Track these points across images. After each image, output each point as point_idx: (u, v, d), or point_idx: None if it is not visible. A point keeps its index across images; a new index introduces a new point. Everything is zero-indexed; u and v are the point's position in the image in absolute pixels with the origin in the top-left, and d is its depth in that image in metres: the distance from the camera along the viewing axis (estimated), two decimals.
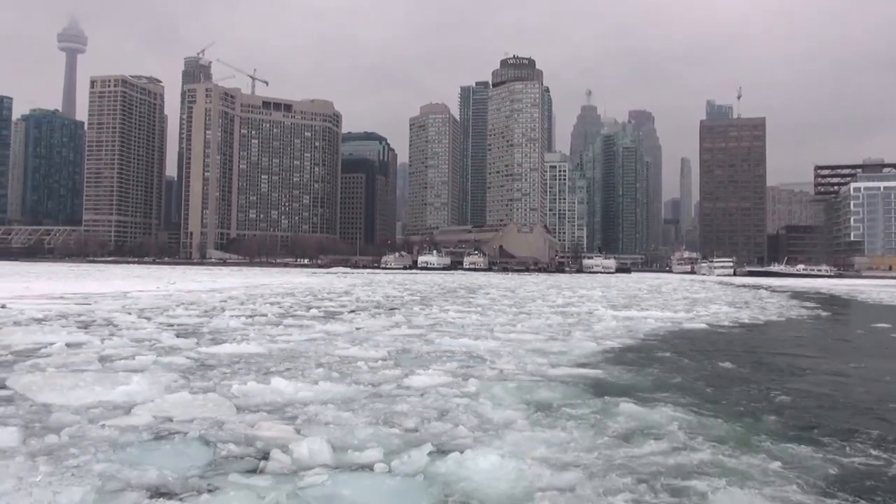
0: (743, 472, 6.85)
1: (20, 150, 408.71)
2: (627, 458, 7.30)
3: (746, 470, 6.92)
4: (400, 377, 11.61)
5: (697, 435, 8.27)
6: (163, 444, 7.33)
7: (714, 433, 8.46)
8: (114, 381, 10.34)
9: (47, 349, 13.66)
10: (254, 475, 6.42)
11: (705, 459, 7.25)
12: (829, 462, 7.33)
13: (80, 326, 17.96)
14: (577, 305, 35.24)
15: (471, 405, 9.56)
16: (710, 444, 7.86)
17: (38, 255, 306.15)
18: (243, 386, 10.27)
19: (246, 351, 14.43)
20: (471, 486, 6.19)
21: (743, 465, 7.12)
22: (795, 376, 13.59)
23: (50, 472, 6.15)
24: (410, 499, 5.91)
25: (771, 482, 6.55)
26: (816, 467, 7.13)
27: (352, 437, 7.79)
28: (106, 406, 8.99)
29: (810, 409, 10.32)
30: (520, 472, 6.55)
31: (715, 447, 7.72)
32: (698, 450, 7.59)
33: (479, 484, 6.25)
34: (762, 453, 7.57)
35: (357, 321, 21.70)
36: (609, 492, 6.14)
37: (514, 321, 23.54)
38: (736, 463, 7.18)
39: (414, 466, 6.65)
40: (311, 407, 9.23)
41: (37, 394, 9.62)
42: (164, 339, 15.84)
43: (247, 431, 7.97)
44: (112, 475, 6.19)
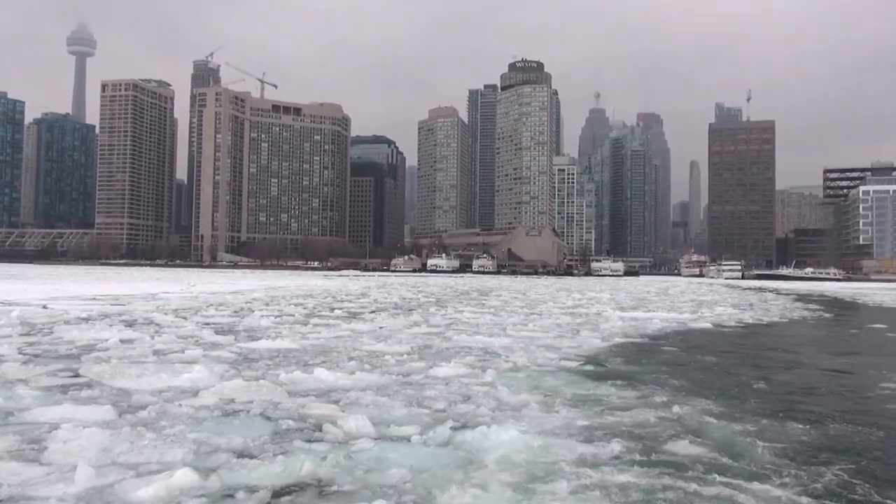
0: (717, 437, 8.17)
1: (32, 154, 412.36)
2: (622, 427, 8.74)
3: (721, 436, 8.23)
4: (425, 369, 12.93)
5: (685, 411, 9.61)
6: (233, 420, 8.66)
7: (698, 409, 9.83)
8: (174, 370, 11.71)
9: (104, 344, 15.06)
10: (313, 442, 7.74)
11: (689, 427, 8.57)
12: (791, 433, 8.71)
13: (126, 325, 19.38)
14: (585, 307, 36.46)
15: (489, 391, 10.88)
16: (693, 417, 9.20)
17: (50, 257, 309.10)
18: (290, 375, 11.62)
19: (281, 346, 15.77)
20: (492, 453, 7.47)
21: (718, 432, 8.48)
22: (783, 369, 14.87)
23: (154, 438, 7.52)
24: (443, 462, 7.19)
25: (739, 444, 7.89)
26: (781, 435, 8.48)
27: (389, 416, 9.10)
28: (175, 390, 10.35)
29: (788, 393, 11.69)
30: (530, 442, 7.84)
31: (696, 420, 9.06)
32: (686, 421, 8.91)
33: (499, 451, 7.53)
34: (736, 424, 8.97)
35: (378, 321, 23.07)
36: (604, 453, 7.49)
37: (526, 321, 24.84)
38: (713, 430, 8.53)
39: (444, 438, 7.97)
40: (352, 392, 10.55)
41: (111, 380, 11.00)
42: (205, 336, 17.22)
43: (300, 410, 9.32)
44: (203, 441, 7.54)
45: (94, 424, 7.83)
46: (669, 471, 7.02)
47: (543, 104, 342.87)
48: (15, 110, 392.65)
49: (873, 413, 10.27)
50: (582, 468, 6.98)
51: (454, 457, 7.31)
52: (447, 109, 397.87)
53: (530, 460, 7.25)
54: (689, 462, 7.39)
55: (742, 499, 6.27)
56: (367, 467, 6.85)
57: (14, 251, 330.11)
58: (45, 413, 8.51)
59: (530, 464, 7.13)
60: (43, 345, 15.01)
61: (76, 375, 11.45)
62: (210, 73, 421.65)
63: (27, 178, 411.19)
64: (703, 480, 6.76)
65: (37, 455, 6.89)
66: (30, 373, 11.50)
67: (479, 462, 7.15)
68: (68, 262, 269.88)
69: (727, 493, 6.35)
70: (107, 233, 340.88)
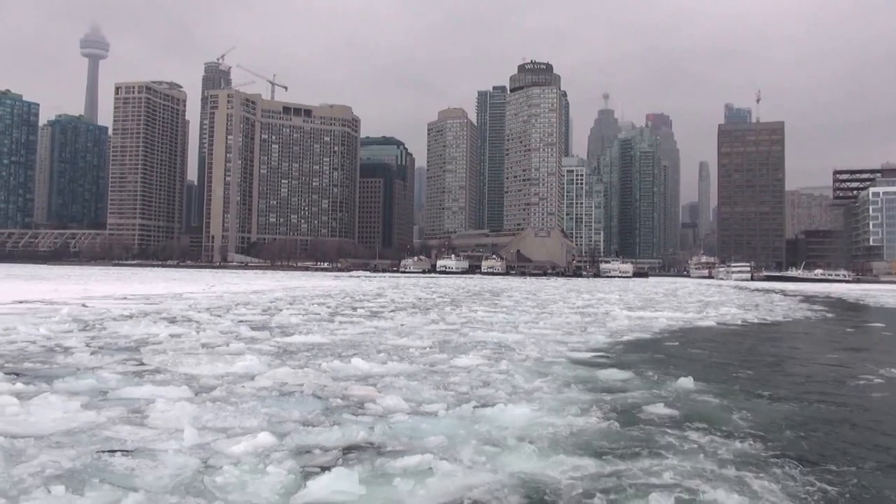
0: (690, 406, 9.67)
1: (46, 155, 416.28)
2: (614, 400, 10.34)
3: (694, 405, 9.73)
4: (447, 359, 14.45)
5: (669, 388, 11.11)
6: (289, 398, 10.17)
7: (682, 388, 11.39)
8: (227, 360, 13.25)
9: (156, 338, 16.63)
10: (359, 416, 9.25)
11: (667, 399, 10.08)
12: (757, 406, 10.28)
13: (169, 322, 20.96)
14: (594, 307, 37.86)
15: (506, 378, 12.41)
16: (675, 393, 10.72)
17: (63, 258, 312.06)
18: (330, 364, 13.14)
19: (314, 341, 17.28)
20: (507, 424, 8.93)
21: (692, 403, 10.03)
22: (771, 361, 16.33)
23: (232, 411, 9.05)
24: (467, 431, 8.65)
25: (709, 411, 9.48)
26: (748, 407, 10.03)
27: (419, 397, 10.60)
28: (234, 376, 11.87)
29: (767, 379, 13.24)
30: (543, 420, 9.30)
31: (677, 395, 10.58)
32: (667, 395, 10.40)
33: (513, 423, 9.00)
34: (712, 398, 10.58)
35: (398, 319, 24.62)
36: (594, 419, 9.02)
37: (537, 319, 26.30)
38: (689, 401, 10.05)
39: (468, 413, 9.45)
40: (386, 378, 12.07)
41: (175, 368, 12.54)
42: (242, 331, 18.76)
43: (343, 391, 10.84)
44: (271, 414, 9.06)
45: (180, 400, 9.33)
46: (642, 426, 9.02)
47: (552, 105, 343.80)
48: (30, 112, 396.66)
49: (838, 396, 11.77)
50: (576, 429, 8.66)
51: (477, 427, 8.77)
52: (456, 111, 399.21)
53: (538, 429, 8.75)
54: (658, 420, 9.30)
55: (693, 436, 8.22)
56: (409, 435, 8.32)
57: (27, 251, 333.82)
58: (135, 391, 10.06)
59: (537, 431, 8.64)
60: (103, 339, 16.58)
61: (142, 364, 12.99)
62: (221, 74, 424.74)
63: (40, 178, 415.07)
64: (665, 431, 8.69)
65: (143, 421, 8.43)
66: (102, 361, 13.05)
67: (497, 431, 8.62)
68: (81, 263, 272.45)
69: (686, 437, 7.83)
70: (119, 233, 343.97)
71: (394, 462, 7.06)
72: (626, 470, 7.16)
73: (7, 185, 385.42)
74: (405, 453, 7.44)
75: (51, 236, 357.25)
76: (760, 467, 7.27)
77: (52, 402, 8.81)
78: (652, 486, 6.57)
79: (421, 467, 6.89)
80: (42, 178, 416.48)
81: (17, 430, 7.73)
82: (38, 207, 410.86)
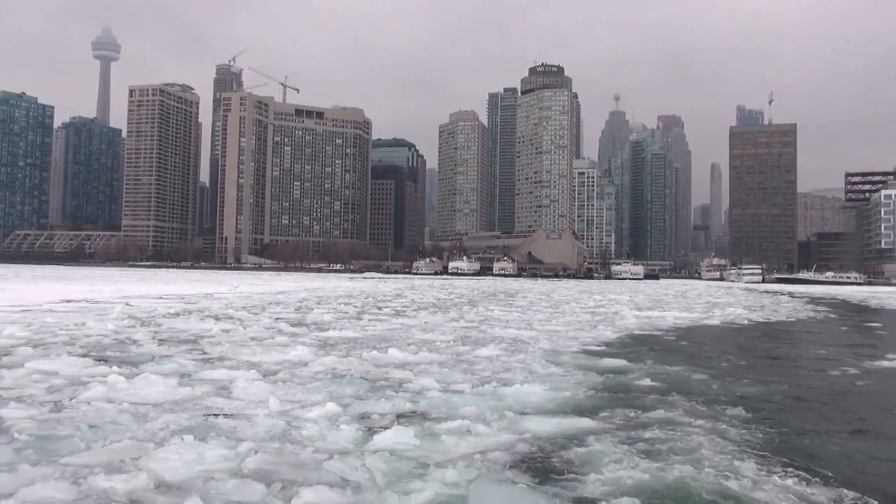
0: (674, 381, 11.40)
1: (61, 157, 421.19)
2: (612, 380, 12.24)
3: (679, 382, 11.48)
4: (469, 351, 16.28)
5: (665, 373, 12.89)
6: (342, 380, 12.01)
7: (673, 370, 13.19)
8: (279, 350, 15.12)
9: (209, 333, 18.55)
10: (400, 392, 11.07)
11: (658, 377, 11.86)
12: (736, 387, 12.08)
13: (214, 319, 22.90)
14: (605, 307, 39.57)
15: (522, 366, 14.24)
16: (665, 374, 12.50)
17: (79, 258, 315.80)
18: (369, 353, 14.99)
19: (349, 335, 19.13)
20: (524, 400, 10.73)
21: (679, 380, 11.83)
22: (766, 353, 18.08)
23: (300, 389, 10.91)
24: (490, 405, 10.42)
25: (691, 385, 11.27)
26: (728, 386, 11.84)
27: (449, 379, 12.42)
28: (289, 363, 13.71)
29: (754, 367, 15.00)
30: (554, 396, 11.11)
31: (667, 375, 12.36)
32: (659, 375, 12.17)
33: (530, 399, 10.79)
34: (698, 374, 12.46)
35: (421, 317, 26.51)
36: (594, 394, 10.85)
37: (550, 318, 28.10)
38: (676, 379, 11.85)
39: (491, 392, 11.26)
40: (420, 365, 13.94)
41: (236, 356, 14.40)
42: (282, 327, 20.64)
43: (384, 375, 12.70)
44: (332, 391, 10.94)
45: (255, 380, 11.18)
46: (634, 395, 11.12)
47: (564, 108, 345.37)
48: (44, 115, 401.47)
49: (812, 379, 13.59)
50: (579, 401, 10.57)
51: (499, 402, 10.57)
52: (468, 113, 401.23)
53: (548, 402, 10.59)
54: (648, 391, 11.50)
55: (673, 401, 10.29)
56: (444, 406, 10.12)
57: (43, 252, 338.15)
58: (213, 374, 11.93)
59: (548, 403, 10.50)
60: (163, 333, 18.50)
61: (206, 353, 14.87)
62: (232, 77, 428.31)
63: (55, 180, 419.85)
64: (652, 398, 10.65)
65: (231, 395, 10.30)
66: (171, 351, 14.94)
67: (515, 404, 10.45)
68: (96, 264, 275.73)
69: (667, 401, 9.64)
70: (133, 235, 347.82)
71: (438, 425, 8.87)
72: (620, 425, 9.14)
73: (23, 187, 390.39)
74: (445, 419, 9.24)
75: (66, 237, 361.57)
76: (724, 419, 9.20)
77: (152, 381, 10.66)
78: (638, 434, 8.39)
79: (461, 429, 8.68)
80: (57, 179, 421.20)
81: (134, 400, 9.60)
82: (53, 209, 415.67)
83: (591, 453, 7.80)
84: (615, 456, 7.66)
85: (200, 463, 6.95)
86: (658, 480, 6.86)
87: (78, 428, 8.09)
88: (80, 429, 8.05)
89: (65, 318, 21.67)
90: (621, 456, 7.66)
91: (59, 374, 11.38)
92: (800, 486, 6.76)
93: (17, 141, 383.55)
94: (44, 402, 9.48)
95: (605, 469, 7.20)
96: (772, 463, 7.54)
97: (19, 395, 9.79)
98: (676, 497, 6.42)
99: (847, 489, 6.70)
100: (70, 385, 10.62)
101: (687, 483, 6.80)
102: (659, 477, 6.95)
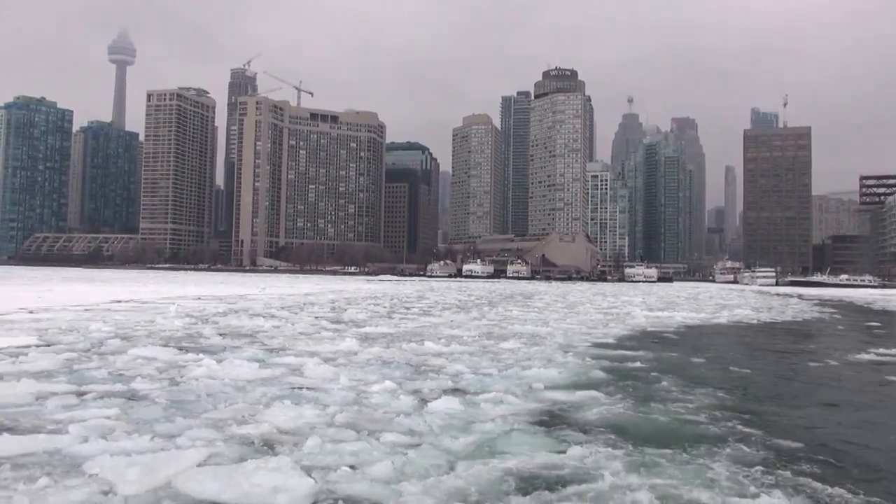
0: (667, 362, 13.58)
1: (79, 161, 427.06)
2: (621, 366, 14.50)
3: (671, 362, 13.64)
4: (494, 343, 18.52)
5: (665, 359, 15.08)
6: (390, 365, 14.30)
7: (669, 355, 15.33)
8: (329, 343, 17.40)
9: (262, 328, 20.88)
10: (440, 375, 13.28)
11: (655, 360, 13.99)
12: (728, 370, 14.25)
13: (262, 317, 25.17)
14: (618, 308, 41.66)
15: (541, 355, 16.40)
16: (663, 358, 14.63)
17: (97, 261, 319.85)
18: (407, 345, 17.25)
19: (385, 331, 21.38)
20: (543, 380, 12.93)
21: (672, 361, 14.01)
22: (760, 346, 20.15)
23: (359, 371, 13.14)
24: (515, 383, 12.65)
25: (682, 365, 13.49)
26: (719, 369, 14.00)
27: (478, 365, 14.69)
28: (342, 352, 15.97)
29: (744, 355, 17.09)
30: (567, 376, 13.36)
31: (662, 358, 14.54)
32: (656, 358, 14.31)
33: (547, 379, 13.06)
34: (693, 357, 14.71)
35: (446, 316, 28.89)
36: (597, 372, 13.01)
37: (565, 317, 30.31)
38: (677, 367, 14.00)
39: (514, 374, 13.51)
40: (452, 354, 16.24)
41: (294, 347, 16.66)
42: (324, 324, 22.95)
43: (424, 362, 15.00)
44: (384, 373, 13.23)
45: (320, 364, 13.41)
46: (634, 374, 13.55)
47: (577, 112, 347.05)
48: (63, 119, 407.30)
49: (793, 367, 15.74)
50: (589, 380, 12.79)
51: (521, 381, 12.77)
52: (481, 117, 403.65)
53: (563, 381, 12.82)
54: (646, 371, 14.05)
55: (666, 378, 12.64)
56: (479, 385, 12.34)
57: (62, 255, 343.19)
58: (283, 360, 14.22)
59: (562, 382, 12.74)
60: (223, 329, 20.86)
61: (266, 345, 17.15)
62: (247, 80, 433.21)
63: (73, 184, 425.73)
64: (649, 377, 12.94)
65: (304, 375, 12.63)
66: (237, 343, 17.25)
67: (535, 383, 12.65)
68: (115, 266, 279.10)
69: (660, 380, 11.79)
70: (151, 238, 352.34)
71: (475, 396, 11.10)
72: (620, 394, 11.52)
73: (42, 191, 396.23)
74: (481, 392, 11.49)
75: (84, 240, 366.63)
76: (704, 390, 11.53)
77: (237, 364, 12.94)
78: (634, 399, 10.62)
79: (494, 399, 10.93)
80: (75, 183, 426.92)
81: (231, 378, 11.91)
82: (72, 212, 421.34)
83: (595, 411, 10.12)
84: (614, 410, 10.03)
85: (302, 419, 9.20)
86: (645, 422, 9.31)
87: (199, 396, 10.40)
88: (201, 396, 10.36)
89: (130, 316, 24.12)
90: (619, 411, 10.06)
91: (159, 360, 13.70)
92: (742, 426, 9.01)
93: (37, 145, 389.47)
94: (161, 378, 11.82)
95: (606, 420, 9.56)
96: (727, 417, 9.86)
97: (139, 374, 12.11)
98: (657, 435, 8.65)
99: (780, 432, 8.94)
100: (172, 367, 12.93)
101: (664, 422, 9.29)
102: (645, 419, 9.43)
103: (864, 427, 10.16)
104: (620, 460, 7.61)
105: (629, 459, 7.66)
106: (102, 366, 12.81)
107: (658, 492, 6.56)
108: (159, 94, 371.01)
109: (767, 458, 7.92)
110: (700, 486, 6.79)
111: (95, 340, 16.51)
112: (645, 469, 7.30)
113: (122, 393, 10.43)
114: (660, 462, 7.58)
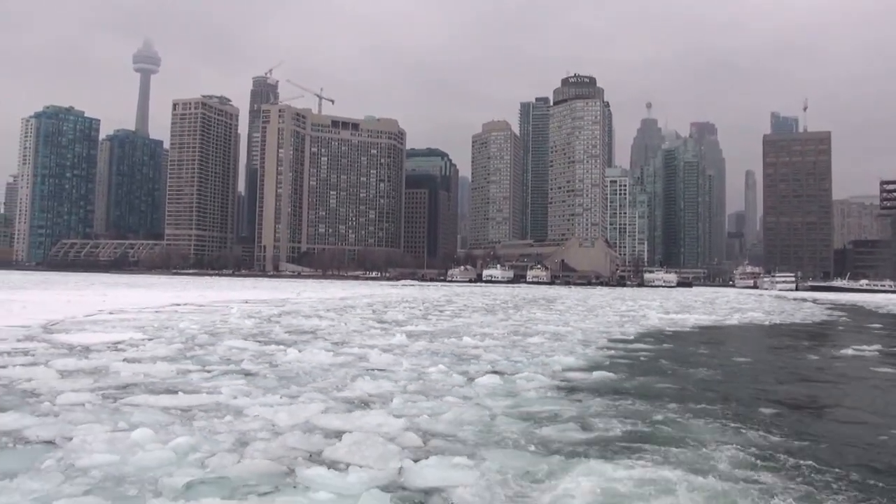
0: (669, 349, 16.21)
1: (105, 169, 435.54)
2: (631, 355, 17.21)
3: (684, 356, 16.30)
4: (521, 339, 21.45)
5: (669, 349, 17.79)
6: (437, 354, 17.23)
7: (673, 347, 18.03)
8: (382, 338, 20.34)
9: (319, 327, 23.87)
10: (480, 361, 16.10)
11: (664, 353, 16.70)
12: (723, 361, 16.91)
13: (315, 318, 28.19)
14: (635, 311, 44.26)
15: (563, 348, 19.25)
16: (668, 350, 17.34)
17: (123, 266, 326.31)
18: (448, 340, 20.21)
19: (425, 329, 24.33)
20: (562, 365, 15.78)
21: (684, 356, 16.64)
22: (757, 343, 22.74)
23: (414, 358, 16.03)
24: (542, 368, 15.46)
25: (687, 355, 16.04)
26: (716, 359, 16.66)
27: (510, 355, 17.61)
28: (395, 345, 18.93)
29: (743, 351, 19.72)
30: (585, 363, 16.21)
31: (670, 350, 17.19)
32: (665, 352, 17.03)
33: (566, 364, 15.89)
34: (692, 348, 17.29)
35: (476, 317, 31.77)
36: (610, 361, 15.78)
37: (585, 318, 33.14)
38: (680, 354, 16.68)
39: (541, 361, 16.36)
40: (488, 346, 19.19)
41: (352, 341, 19.60)
42: (371, 324, 25.98)
43: (464, 352, 17.93)
44: (435, 360, 16.07)
45: (380, 354, 16.33)
46: (642, 360, 16.35)
47: (596, 118, 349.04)
48: (91, 128, 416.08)
49: (784, 361, 18.39)
50: (602, 363, 15.62)
51: (543, 367, 15.63)
52: (500, 123, 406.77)
53: (580, 365, 15.61)
54: (653, 357, 16.97)
55: (670, 364, 15.40)
56: (513, 369, 15.22)
57: (89, 260, 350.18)
58: (350, 350, 17.19)
59: (580, 366, 15.55)
60: (286, 327, 23.93)
61: (328, 339, 20.12)
62: (269, 88, 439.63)
63: (100, 191, 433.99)
64: (655, 362, 15.81)
65: (370, 361, 15.62)
66: (303, 338, 20.30)
67: (557, 367, 15.53)
68: (143, 272, 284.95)
69: (664, 364, 14.53)
70: (175, 244, 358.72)
71: (511, 376, 13.98)
72: (630, 372, 14.47)
73: (70, 198, 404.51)
74: (515, 373, 14.34)
75: (110, 246, 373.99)
76: (701, 373, 14.34)
77: (315, 353, 15.92)
78: (641, 377, 13.40)
79: (527, 377, 13.80)
80: (101, 190, 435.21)
81: (314, 363, 14.87)
82: (98, 218, 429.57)
83: (607, 385, 13.04)
84: (621, 383, 12.97)
85: (382, 388, 12.14)
86: (642, 387, 12.20)
87: (298, 374, 13.40)
88: (300, 374, 13.35)
89: (202, 316, 27.30)
90: (624, 383, 13.00)
91: (250, 350, 16.72)
92: (715, 393, 11.79)
93: (65, 153, 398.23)
94: (260, 362, 14.83)
95: (614, 388, 12.52)
96: (708, 388, 12.66)
97: (242, 358, 15.07)
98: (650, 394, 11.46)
99: (762, 402, 11.72)
100: (264, 355, 15.93)
101: (659, 388, 12.24)
102: (643, 386, 12.35)
103: (817, 397, 12.98)
104: (618, 409, 10.49)
105: (629, 408, 10.55)
106: (209, 353, 15.87)
107: (645, 425, 9.42)
108: (184, 102, 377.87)
109: (724, 409, 10.76)
110: (678, 427, 9.63)
111: (189, 335, 19.62)
112: (638, 416, 10.19)
113: (238, 371, 13.46)
114: (649, 411, 10.46)
